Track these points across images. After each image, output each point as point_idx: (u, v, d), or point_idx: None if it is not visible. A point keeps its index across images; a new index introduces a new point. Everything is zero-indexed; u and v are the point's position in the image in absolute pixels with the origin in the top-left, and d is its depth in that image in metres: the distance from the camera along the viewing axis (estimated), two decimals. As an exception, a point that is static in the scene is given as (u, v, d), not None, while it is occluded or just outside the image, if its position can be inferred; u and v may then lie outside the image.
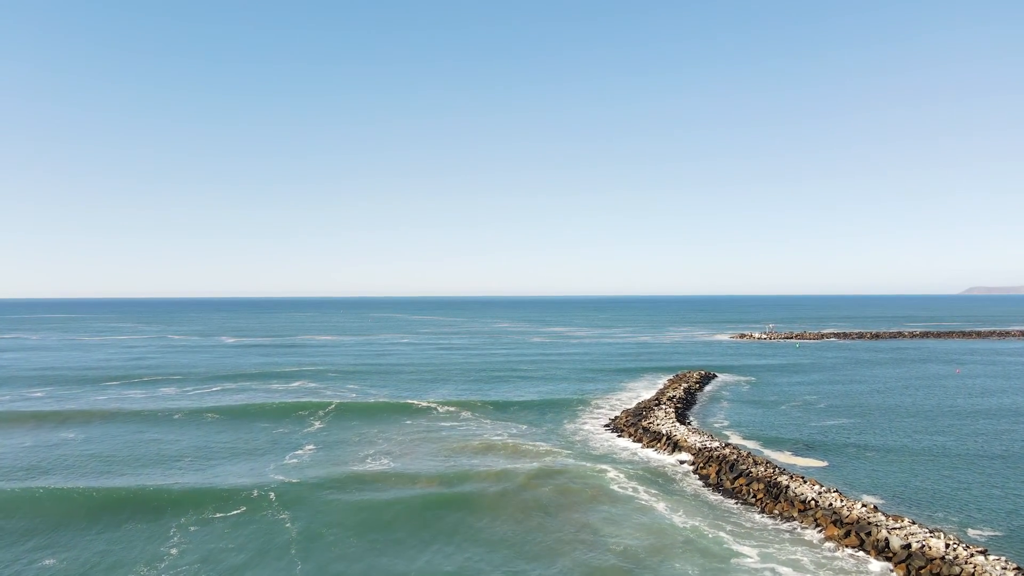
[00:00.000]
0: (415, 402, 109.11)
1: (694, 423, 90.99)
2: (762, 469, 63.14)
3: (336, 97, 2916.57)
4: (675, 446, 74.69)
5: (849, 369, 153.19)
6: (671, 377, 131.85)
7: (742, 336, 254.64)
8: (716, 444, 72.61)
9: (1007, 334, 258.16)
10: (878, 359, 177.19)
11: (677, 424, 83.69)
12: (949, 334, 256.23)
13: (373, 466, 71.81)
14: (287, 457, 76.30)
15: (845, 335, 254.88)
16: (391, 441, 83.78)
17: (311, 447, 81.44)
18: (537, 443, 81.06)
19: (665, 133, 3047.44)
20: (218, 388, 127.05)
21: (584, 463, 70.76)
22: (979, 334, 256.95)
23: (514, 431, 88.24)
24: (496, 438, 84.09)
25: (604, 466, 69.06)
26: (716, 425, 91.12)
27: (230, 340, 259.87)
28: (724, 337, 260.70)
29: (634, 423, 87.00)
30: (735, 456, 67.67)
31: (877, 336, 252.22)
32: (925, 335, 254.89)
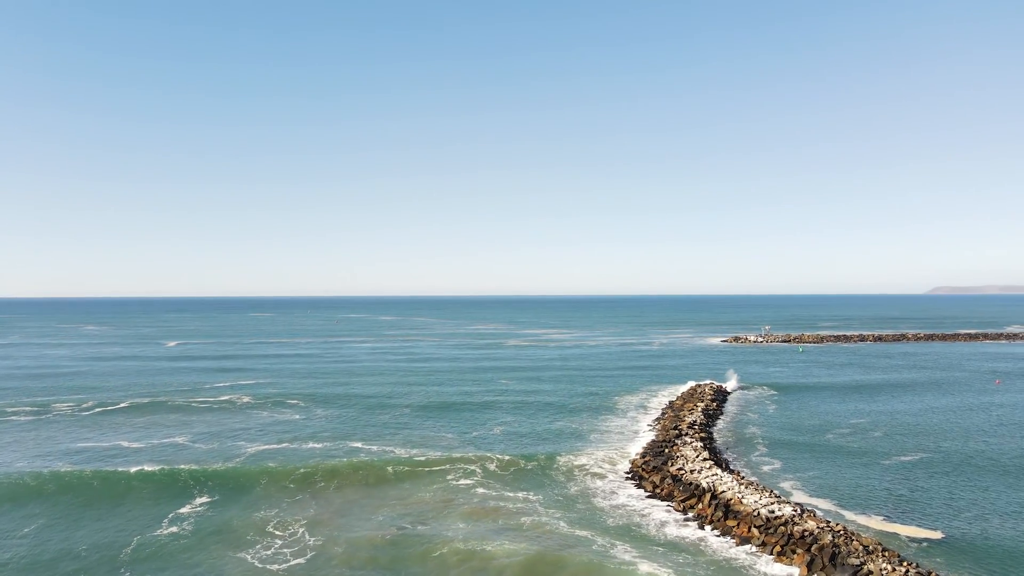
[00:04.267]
0: (358, 446, 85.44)
1: (735, 465, 68.83)
2: (885, 564, 40.94)
3: (301, 99, 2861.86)
4: (727, 511, 52.29)
5: (876, 379, 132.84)
6: (680, 394, 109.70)
7: (736, 339, 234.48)
8: (788, 510, 50.35)
9: (1016, 336, 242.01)
10: (894, 365, 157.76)
11: (716, 470, 61.36)
12: (955, 336, 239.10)
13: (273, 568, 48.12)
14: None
15: (846, 338, 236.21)
16: (303, 520, 60.06)
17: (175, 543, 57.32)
18: (523, 503, 58.20)
19: (640, 133, 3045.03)
20: (88, 427, 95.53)
21: (598, 547, 48.04)
22: (986, 336, 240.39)
23: (491, 483, 65.11)
24: (465, 494, 60.92)
25: (629, 556, 46.38)
26: (764, 468, 69.02)
27: (172, 344, 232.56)
28: (716, 340, 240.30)
29: (657, 467, 64.49)
30: (829, 534, 45.41)
31: (880, 339, 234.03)
32: (930, 338, 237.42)
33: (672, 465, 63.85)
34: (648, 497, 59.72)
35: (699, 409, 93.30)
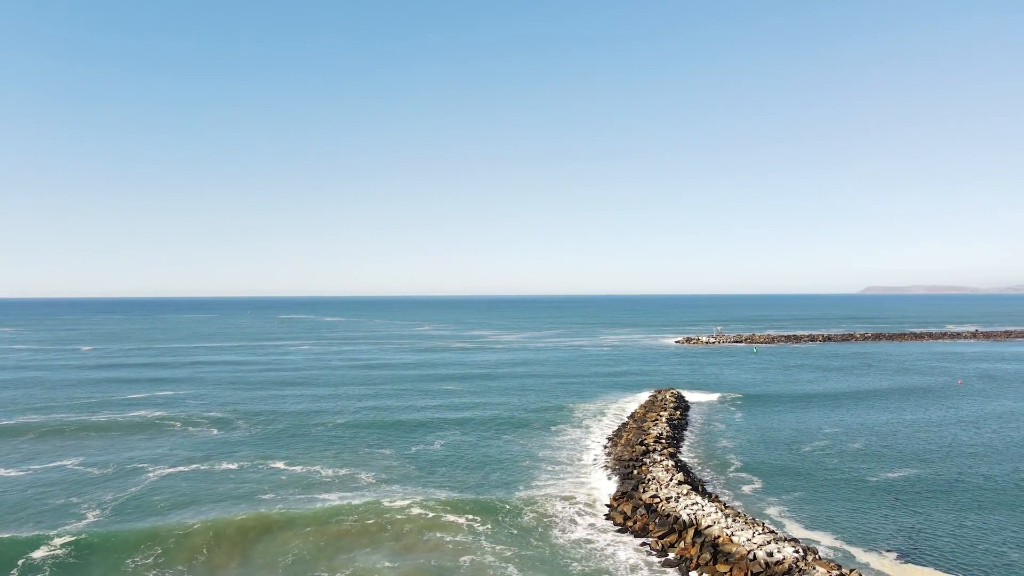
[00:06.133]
0: (280, 467, 74.54)
1: (712, 487, 60.74)
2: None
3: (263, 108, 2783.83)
4: (715, 551, 43.87)
5: (838, 382, 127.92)
6: (642, 403, 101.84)
7: (689, 340, 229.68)
8: (790, 552, 42.14)
9: (958, 336, 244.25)
10: (851, 367, 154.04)
11: (696, 497, 52.97)
12: (901, 336, 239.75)
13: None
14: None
15: (796, 338, 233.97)
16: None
17: None
18: (465, 537, 48.68)
19: (592, 132, 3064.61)
20: None
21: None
22: (930, 336, 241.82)
23: (428, 512, 55.29)
24: (396, 527, 51.00)
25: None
26: (744, 490, 61.17)
27: (87, 348, 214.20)
28: (668, 341, 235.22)
29: (627, 494, 55.80)
30: (844, 587, 37.31)
31: (829, 339, 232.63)
32: (878, 337, 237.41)
33: (644, 491, 55.22)
34: (618, 531, 50.96)
35: (663, 420, 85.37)
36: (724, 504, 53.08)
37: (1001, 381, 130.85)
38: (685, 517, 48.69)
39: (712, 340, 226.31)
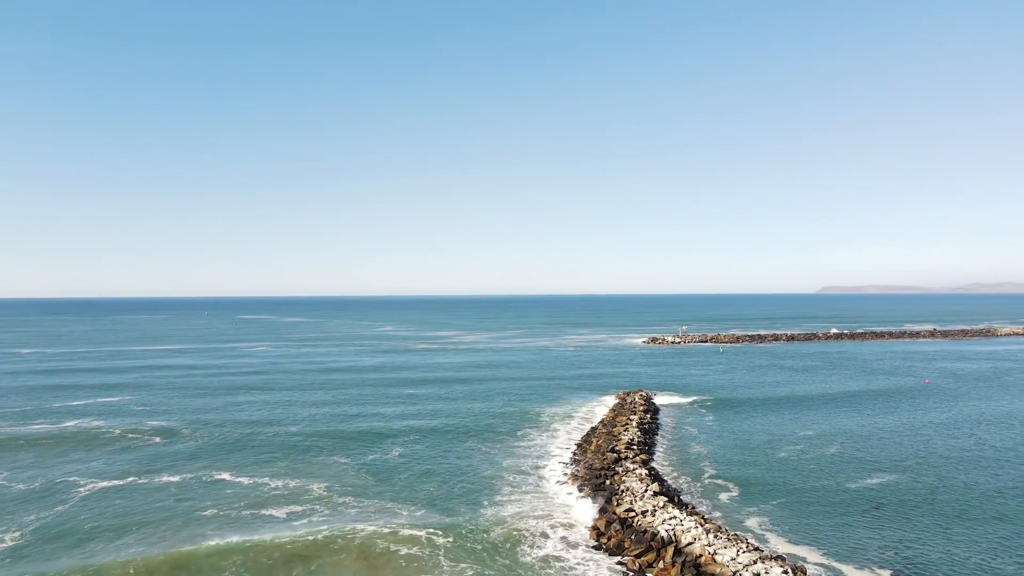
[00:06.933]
0: (225, 478, 69.38)
1: (688, 496, 57.41)
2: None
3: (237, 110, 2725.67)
4: (698, 572, 40.43)
5: (806, 383, 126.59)
6: (611, 406, 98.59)
7: (655, 340, 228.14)
8: (778, 572, 38.86)
9: (918, 335, 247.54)
10: (816, 366, 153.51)
11: (673, 510, 49.56)
12: (863, 335, 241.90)
13: None
14: None
15: (761, 337, 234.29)
16: None
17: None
18: (424, 551, 44.48)
19: (547, 133, 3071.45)
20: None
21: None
22: (891, 335, 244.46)
23: (386, 525, 50.89)
24: (347, 540, 46.53)
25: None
26: (721, 498, 58.05)
27: (27, 351, 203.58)
28: (634, 341, 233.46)
29: (602, 508, 52.16)
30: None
31: (793, 338, 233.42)
32: (839, 337, 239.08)
33: (618, 504, 51.63)
34: (591, 548, 47.30)
35: (634, 424, 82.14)
36: (703, 517, 49.79)
37: (965, 380, 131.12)
38: (663, 533, 45.20)
39: (678, 340, 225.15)
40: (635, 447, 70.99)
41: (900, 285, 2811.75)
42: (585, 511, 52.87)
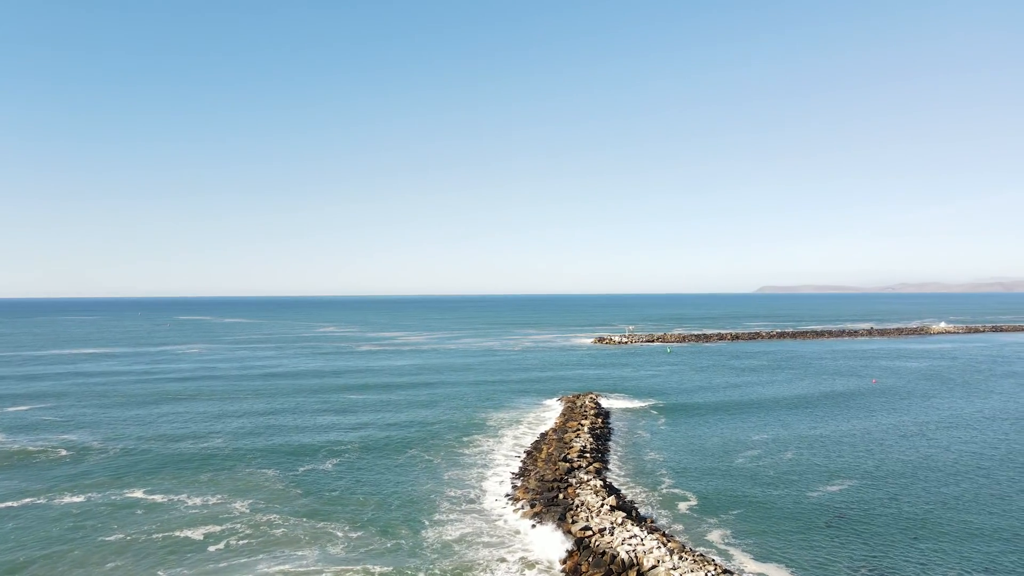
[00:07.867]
0: (139, 496, 62.59)
1: (646, 509, 53.70)
2: None
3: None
4: (663, 601, 36.60)
5: (757, 385, 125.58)
6: (561, 411, 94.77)
7: (601, 340, 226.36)
8: (751, 599, 35.32)
9: (856, 333, 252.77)
10: (763, 366, 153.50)
11: (632, 527, 45.73)
12: (804, 334, 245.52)
13: None
14: None
15: (706, 337, 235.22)
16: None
17: None
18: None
19: (471, 134, 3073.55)
20: None
21: None
22: (831, 334, 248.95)
23: (319, 548, 45.56)
24: (277, 565, 41.18)
25: None
26: (680, 508, 54.64)
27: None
28: (582, 341, 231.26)
29: (557, 527, 47.91)
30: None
31: (737, 337, 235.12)
32: (782, 335, 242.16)
33: (574, 522, 47.51)
34: (544, 572, 43.03)
35: (585, 429, 78.46)
36: (664, 534, 46.09)
37: (908, 378, 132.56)
38: (624, 556, 41.27)
39: (624, 340, 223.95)
40: (588, 455, 67.23)
41: (833, 285, 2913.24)
42: (541, 535, 48.24)
